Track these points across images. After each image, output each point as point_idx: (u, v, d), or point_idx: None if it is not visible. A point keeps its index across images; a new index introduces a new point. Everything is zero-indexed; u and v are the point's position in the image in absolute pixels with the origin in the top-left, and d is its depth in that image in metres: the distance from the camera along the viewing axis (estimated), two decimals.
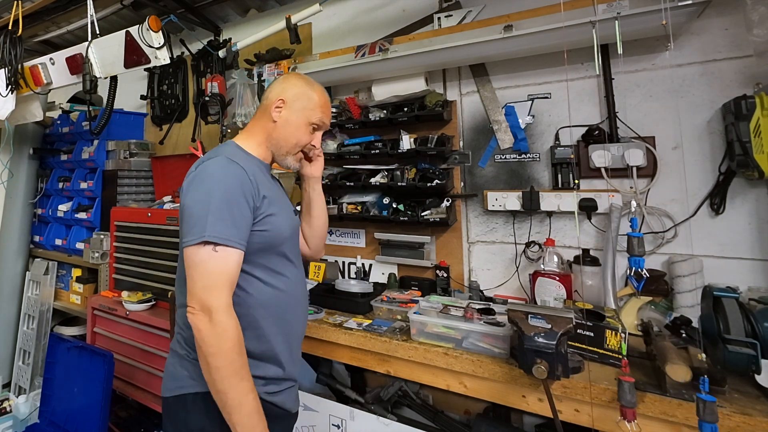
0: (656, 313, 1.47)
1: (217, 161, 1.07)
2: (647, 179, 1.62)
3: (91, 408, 2.06)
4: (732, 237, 1.49)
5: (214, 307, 0.95)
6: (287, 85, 1.22)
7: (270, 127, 1.20)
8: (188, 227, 1.01)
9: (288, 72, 2.28)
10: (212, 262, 0.98)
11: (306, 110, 1.19)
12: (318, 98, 1.21)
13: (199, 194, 1.03)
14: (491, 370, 1.31)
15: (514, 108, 1.89)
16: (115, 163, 2.78)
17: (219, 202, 1.00)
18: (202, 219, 0.99)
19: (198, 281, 0.98)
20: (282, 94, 1.20)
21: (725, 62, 1.52)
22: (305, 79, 1.24)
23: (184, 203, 1.05)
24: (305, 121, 1.19)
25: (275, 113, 1.19)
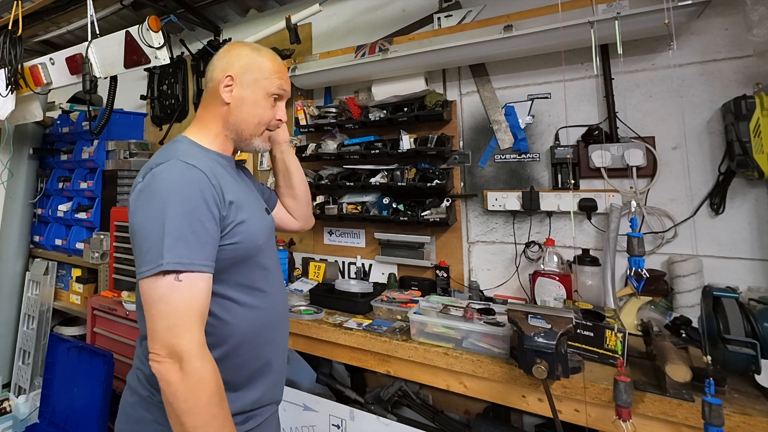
0: (656, 313, 1.47)
1: (169, 166, 0.87)
2: (647, 179, 1.62)
3: (91, 408, 2.06)
4: (732, 237, 1.49)
5: (184, 351, 0.77)
6: (231, 57, 1.03)
7: (224, 111, 1.02)
8: (141, 255, 0.83)
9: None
10: (177, 295, 0.79)
11: (261, 81, 1.02)
12: (271, 64, 1.04)
13: (151, 211, 0.84)
14: (491, 370, 1.31)
15: (514, 108, 1.89)
16: (115, 163, 2.78)
17: (177, 217, 0.82)
18: (157, 243, 0.80)
19: (161, 321, 0.79)
20: (228, 70, 1.01)
21: (725, 62, 1.52)
22: (250, 46, 1.07)
23: (134, 224, 0.87)
24: (263, 93, 1.02)
25: (225, 93, 1.00)
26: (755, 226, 1.46)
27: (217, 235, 0.88)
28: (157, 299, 0.80)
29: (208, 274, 0.85)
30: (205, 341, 0.82)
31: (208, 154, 0.99)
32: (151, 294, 0.81)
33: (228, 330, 0.93)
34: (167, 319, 0.79)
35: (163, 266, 0.79)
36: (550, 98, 1.83)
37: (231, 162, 1.06)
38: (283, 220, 1.31)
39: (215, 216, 0.87)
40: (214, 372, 0.81)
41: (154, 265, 0.80)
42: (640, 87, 1.65)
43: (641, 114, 1.64)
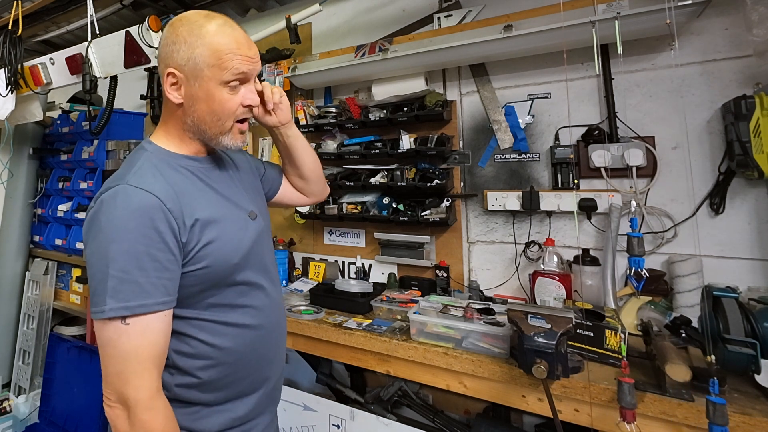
0: (656, 313, 1.47)
1: (114, 195, 0.77)
2: (647, 179, 1.62)
3: (91, 408, 2.07)
4: (732, 237, 1.49)
5: (131, 400, 0.72)
6: (168, 47, 0.84)
7: (179, 112, 0.87)
8: (91, 292, 0.76)
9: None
10: (124, 340, 0.73)
11: (207, 70, 0.82)
12: (218, 43, 0.82)
13: (97, 247, 0.76)
14: (491, 369, 1.31)
15: (514, 108, 1.89)
16: (115, 163, 2.78)
17: (122, 256, 0.73)
18: (101, 284, 0.73)
19: (109, 366, 0.74)
20: (169, 63, 0.84)
21: (725, 62, 1.52)
22: (189, 24, 0.84)
23: (85, 256, 0.80)
24: (214, 84, 0.83)
25: (173, 94, 0.85)
26: (755, 226, 1.46)
27: (176, 265, 0.79)
28: (105, 343, 0.74)
29: (163, 312, 0.77)
30: (159, 386, 0.76)
31: (174, 161, 0.87)
32: (99, 336, 0.75)
33: (210, 350, 0.86)
34: (115, 365, 0.73)
35: (105, 313, 0.73)
36: (550, 98, 1.83)
37: (205, 162, 0.93)
38: (291, 198, 1.22)
39: (171, 245, 0.77)
40: (165, 420, 0.75)
41: (98, 309, 0.74)
42: (640, 87, 1.65)
43: (641, 114, 1.64)
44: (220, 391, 0.88)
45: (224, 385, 0.88)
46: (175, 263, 0.79)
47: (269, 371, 0.97)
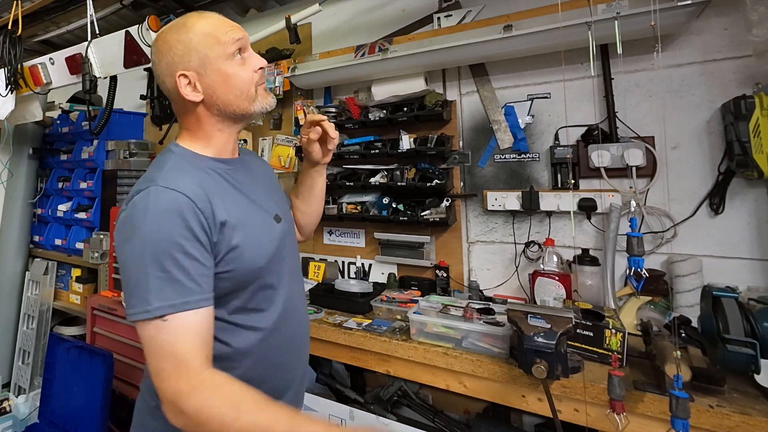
0: (655, 313, 1.47)
1: (147, 196, 0.78)
2: (647, 179, 1.62)
3: (91, 408, 2.06)
4: (731, 237, 1.49)
5: (175, 395, 0.71)
6: (165, 56, 0.87)
7: (201, 110, 0.89)
8: (128, 294, 0.76)
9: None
10: (163, 336, 0.73)
11: (211, 51, 0.85)
12: (205, 26, 0.86)
13: (133, 250, 0.76)
14: (491, 369, 1.31)
15: (514, 108, 1.89)
16: (114, 162, 2.78)
17: (160, 257, 0.74)
18: (141, 285, 0.74)
19: (153, 363, 0.74)
20: (174, 69, 0.86)
21: (725, 62, 1.52)
22: (171, 30, 0.88)
23: (119, 259, 0.80)
24: (224, 60, 0.86)
25: (192, 94, 0.86)
26: (755, 226, 1.46)
27: (210, 262, 0.80)
28: (148, 340, 0.74)
29: (204, 308, 0.77)
30: (205, 363, 0.74)
31: (201, 163, 0.88)
32: (141, 335, 0.75)
33: (230, 351, 0.86)
34: (156, 363, 0.73)
35: (151, 313, 0.73)
36: (549, 98, 1.83)
37: (232, 164, 0.94)
38: None
39: (205, 244, 0.79)
40: (215, 395, 0.71)
41: (141, 310, 0.74)
42: (640, 87, 1.65)
43: (641, 114, 1.65)
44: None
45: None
46: (210, 260, 0.80)
47: (290, 377, 0.97)
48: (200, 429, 0.70)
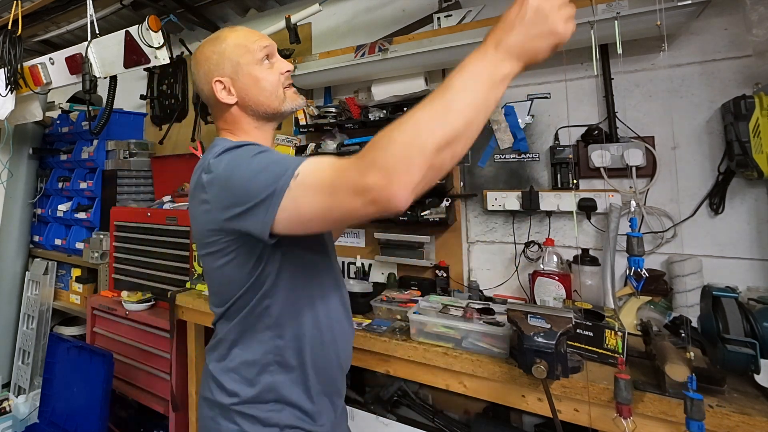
0: (655, 313, 1.47)
1: (220, 149, 0.86)
2: (646, 179, 1.62)
3: (91, 408, 2.07)
4: (731, 237, 1.49)
5: (364, 172, 0.68)
6: (203, 66, 0.97)
7: (236, 110, 0.97)
8: (258, 193, 0.74)
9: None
10: (310, 180, 0.72)
11: (242, 58, 0.95)
12: (236, 38, 0.97)
13: (240, 170, 0.79)
14: (491, 369, 1.31)
15: (514, 108, 1.89)
16: (114, 162, 2.78)
17: (263, 158, 0.79)
18: (263, 178, 0.75)
19: (327, 199, 0.71)
20: (211, 76, 0.96)
21: (724, 62, 1.52)
22: (208, 42, 0.99)
23: (231, 187, 0.79)
24: (254, 66, 0.95)
25: (227, 97, 0.96)
26: (755, 226, 1.46)
27: None
28: (312, 196, 0.72)
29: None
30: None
31: None
32: (299, 202, 0.72)
33: (289, 333, 0.92)
34: (330, 195, 0.71)
35: (287, 176, 0.73)
36: (549, 98, 1.83)
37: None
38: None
39: None
40: (393, 131, 0.71)
41: (279, 185, 0.72)
42: (640, 87, 1.65)
43: (641, 114, 1.65)
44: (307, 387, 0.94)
45: (309, 381, 0.94)
46: None
47: (340, 379, 1.05)
48: (426, 155, 0.67)
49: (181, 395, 1.99)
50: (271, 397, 0.91)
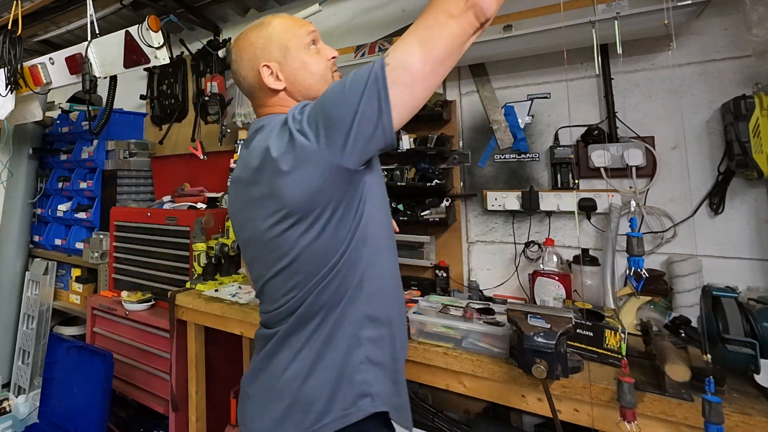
0: (655, 313, 1.47)
1: (285, 111, 0.87)
2: (646, 179, 1.62)
3: (91, 408, 2.06)
4: (731, 237, 1.49)
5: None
6: (249, 52, 0.95)
7: (283, 96, 0.95)
8: (353, 89, 0.75)
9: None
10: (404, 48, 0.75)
11: (290, 43, 0.93)
12: (282, 23, 0.95)
13: (321, 103, 0.79)
14: (490, 369, 1.30)
15: (514, 108, 1.89)
16: (114, 162, 2.78)
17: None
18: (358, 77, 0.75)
19: (427, 53, 0.73)
20: (257, 62, 0.94)
21: (724, 62, 1.52)
22: (253, 28, 0.97)
23: (329, 121, 0.76)
24: (302, 51, 0.94)
25: (275, 82, 0.93)
26: (754, 226, 1.46)
27: None
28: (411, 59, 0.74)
29: None
30: None
31: None
32: (411, 69, 0.74)
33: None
34: (427, 48, 0.74)
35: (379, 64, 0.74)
36: (549, 98, 1.83)
37: None
38: None
39: None
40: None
41: (379, 66, 0.74)
42: (640, 87, 1.65)
43: (641, 114, 1.65)
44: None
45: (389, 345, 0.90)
46: None
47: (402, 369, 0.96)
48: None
49: (181, 395, 1.99)
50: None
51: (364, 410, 0.83)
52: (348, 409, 0.83)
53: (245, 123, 2.38)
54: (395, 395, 0.89)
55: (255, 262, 0.95)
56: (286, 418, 0.85)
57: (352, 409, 0.83)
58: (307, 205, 0.80)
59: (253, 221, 0.89)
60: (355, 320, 0.85)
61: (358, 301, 0.85)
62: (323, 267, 0.83)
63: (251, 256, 0.96)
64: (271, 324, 0.92)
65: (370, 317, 0.86)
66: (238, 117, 2.37)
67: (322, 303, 0.85)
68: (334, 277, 0.84)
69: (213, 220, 2.21)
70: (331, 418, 0.82)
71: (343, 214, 0.82)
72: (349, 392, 0.83)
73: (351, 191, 0.82)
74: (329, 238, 0.82)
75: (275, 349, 0.90)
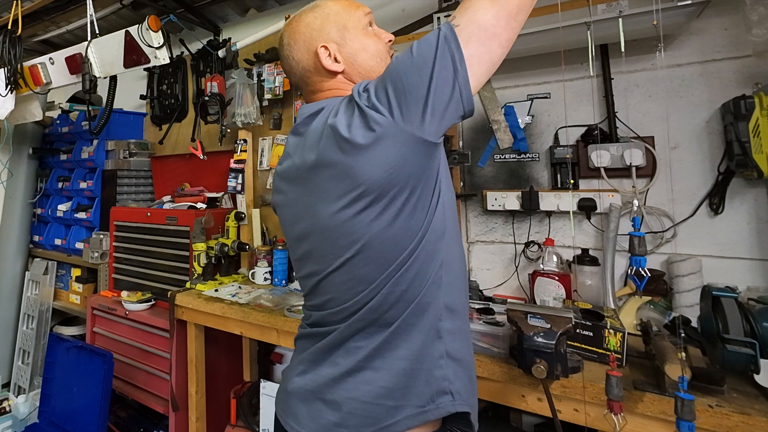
0: (655, 313, 1.47)
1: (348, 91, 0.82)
2: (646, 179, 1.62)
3: (91, 408, 2.06)
4: (731, 237, 1.49)
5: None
6: (305, 34, 0.90)
7: (340, 80, 0.90)
8: (427, 47, 0.71)
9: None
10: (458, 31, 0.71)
11: (348, 23, 0.89)
12: (337, 4, 0.91)
13: (386, 75, 0.74)
14: (490, 369, 1.30)
15: (514, 108, 1.89)
16: (114, 162, 2.78)
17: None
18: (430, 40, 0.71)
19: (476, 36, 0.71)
20: (314, 43, 0.89)
21: (724, 62, 1.52)
22: (308, 10, 0.93)
23: (401, 92, 0.71)
24: (361, 32, 0.90)
25: (333, 64, 0.88)
26: (754, 226, 1.46)
27: None
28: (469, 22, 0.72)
29: None
30: None
31: None
32: (465, 16, 0.72)
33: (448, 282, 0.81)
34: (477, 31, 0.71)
35: (447, 26, 0.71)
36: (549, 98, 1.83)
37: None
38: None
39: None
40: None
41: (447, 29, 0.71)
42: (640, 87, 1.65)
43: (640, 114, 1.65)
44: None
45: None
46: None
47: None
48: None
49: (181, 395, 1.99)
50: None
51: (443, 408, 0.77)
52: (425, 406, 0.77)
53: (245, 123, 2.38)
54: (473, 395, 0.84)
55: (311, 256, 0.86)
56: (348, 417, 0.78)
57: (430, 407, 0.77)
58: (385, 183, 0.72)
59: (315, 208, 0.81)
60: (435, 311, 0.78)
61: (440, 290, 0.79)
62: (399, 255, 0.76)
63: (307, 250, 0.87)
64: (328, 322, 0.84)
65: (448, 307, 0.80)
66: (238, 117, 2.37)
67: (398, 295, 0.77)
68: (411, 265, 0.76)
69: (213, 220, 2.21)
70: (405, 414, 0.76)
71: (421, 195, 0.75)
72: (426, 389, 0.77)
73: (429, 169, 0.76)
74: (406, 222, 0.75)
75: (333, 348, 0.83)
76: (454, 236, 0.84)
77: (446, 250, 0.80)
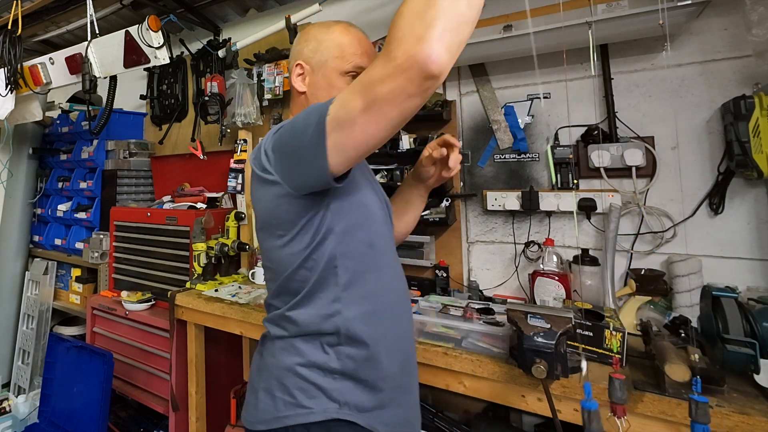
0: (655, 313, 1.47)
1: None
2: (646, 179, 1.62)
3: (91, 408, 2.06)
4: (731, 237, 1.49)
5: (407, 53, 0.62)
6: (300, 44, 0.97)
7: (304, 102, 0.95)
8: (311, 119, 0.75)
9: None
10: (344, 97, 0.74)
11: (331, 61, 0.92)
12: (341, 38, 0.93)
13: (287, 129, 0.82)
14: (490, 369, 1.31)
15: (514, 108, 1.89)
16: (114, 162, 2.78)
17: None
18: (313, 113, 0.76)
19: (367, 92, 0.69)
20: (297, 57, 0.96)
21: (724, 62, 1.52)
22: (319, 25, 0.98)
23: (287, 142, 0.80)
24: (335, 74, 0.92)
25: (297, 83, 0.95)
26: (754, 226, 1.46)
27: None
28: (357, 100, 0.70)
29: None
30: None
31: None
32: (339, 104, 0.73)
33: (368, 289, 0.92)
34: (369, 89, 0.69)
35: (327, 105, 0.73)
36: (549, 98, 1.83)
37: None
38: None
39: None
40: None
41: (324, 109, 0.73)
42: (640, 87, 1.65)
43: (640, 114, 1.65)
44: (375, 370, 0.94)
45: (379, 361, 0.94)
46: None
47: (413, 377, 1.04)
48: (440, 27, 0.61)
49: (181, 395, 1.99)
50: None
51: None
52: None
53: (245, 123, 2.38)
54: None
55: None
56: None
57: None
58: (265, 217, 0.89)
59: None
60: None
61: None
62: (287, 269, 0.89)
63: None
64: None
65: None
66: (238, 117, 2.37)
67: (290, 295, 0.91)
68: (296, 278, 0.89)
69: (213, 220, 2.21)
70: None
71: (297, 234, 0.86)
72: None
73: (305, 213, 0.85)
74: (286, 252, 0.87)
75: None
76: (370, 269, 0.91)
77: (346, 285, 0.88)
